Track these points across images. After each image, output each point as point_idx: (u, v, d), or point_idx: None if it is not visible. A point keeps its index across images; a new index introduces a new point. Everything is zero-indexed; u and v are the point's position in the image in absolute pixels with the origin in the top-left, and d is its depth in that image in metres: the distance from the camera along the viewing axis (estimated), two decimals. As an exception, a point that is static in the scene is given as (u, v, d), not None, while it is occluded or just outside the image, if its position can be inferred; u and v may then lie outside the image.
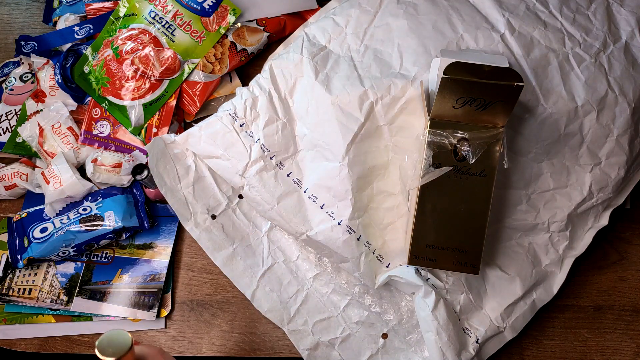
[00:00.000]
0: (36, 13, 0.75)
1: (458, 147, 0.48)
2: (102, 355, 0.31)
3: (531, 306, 0.57)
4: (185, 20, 0.66)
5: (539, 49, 0.54)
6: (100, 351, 0.31)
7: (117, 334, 0.32)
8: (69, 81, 0.66)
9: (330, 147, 0.54)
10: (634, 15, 0.58)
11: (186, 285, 0.63)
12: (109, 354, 0.31)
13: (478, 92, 0.45)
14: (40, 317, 0.61)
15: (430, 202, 0.49)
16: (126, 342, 0.32)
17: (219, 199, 0.60)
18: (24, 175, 0.65)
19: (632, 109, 0.54)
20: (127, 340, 0.32)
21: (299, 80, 0.56)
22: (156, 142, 0.58)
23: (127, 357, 0.32)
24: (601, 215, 0.58)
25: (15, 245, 0.60)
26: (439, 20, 0.56)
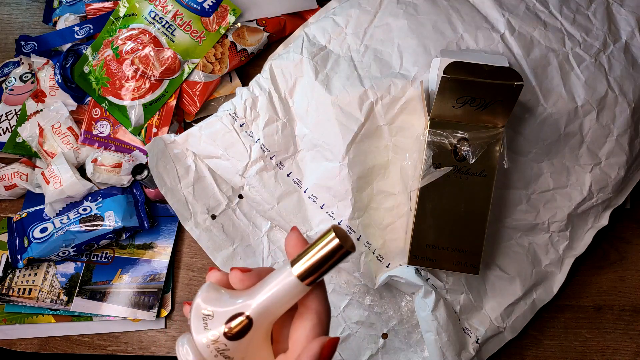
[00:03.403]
0: (36, 13, 0.75)
1: (458, 147, 0.48)
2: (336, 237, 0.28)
3: (531, 306, 0.57)
4: (185, 20, 0.66)
5: (539, 49, 0.54)
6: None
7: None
8: (69, 81, 0.66)
9: (330, 147, 0.54)
10: (633, 15, 0.58)
11: (186, 286, 0.63)
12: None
13: (478, 92, 0.45)
14: (40, 317, 0.61)
15: (430, 202, 0.49)
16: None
17: (219, 199, 0.60)
18: (24, 175, 0.65)
19: (632, 109, 0.54)
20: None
21: (299, 80, 0.56)
22: (156, 142, 0.58)
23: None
24: (601, 215, 0.58)
25: (15, 245, 0.60)
26: (439, 20, 0.56)
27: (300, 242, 0.31)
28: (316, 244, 0.29)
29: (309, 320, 0.30)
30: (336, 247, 0.28)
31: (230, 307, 0.30)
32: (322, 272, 0.29)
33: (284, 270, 0.29)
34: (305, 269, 0.29)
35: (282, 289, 0.29)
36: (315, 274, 0.29)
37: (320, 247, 0.28)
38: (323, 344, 0.29)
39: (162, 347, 0.61)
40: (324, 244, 0.28)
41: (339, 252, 0.28)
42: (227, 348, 0.29)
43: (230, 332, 0.29)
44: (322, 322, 0.30)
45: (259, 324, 0.29)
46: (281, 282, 0.29)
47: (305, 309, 0.31)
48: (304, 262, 0.29)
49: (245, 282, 0.30)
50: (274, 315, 0.30)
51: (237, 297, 0.30)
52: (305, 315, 0.30)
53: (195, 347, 0.29)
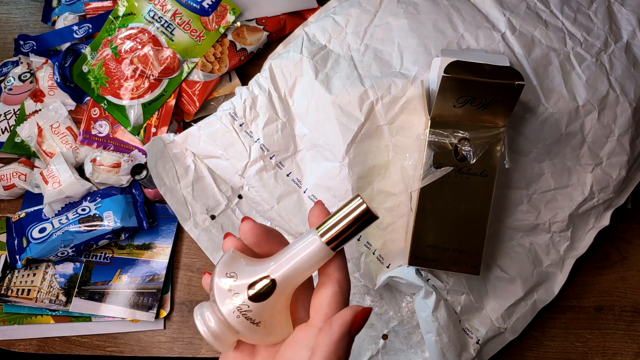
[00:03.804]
0: (35, 12, 0.75)
1: (459, 147, 0.48)
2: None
3: (532, 307, 0.57)
4: (184, 20, 0.65)
5: (540, 49, 0.54)
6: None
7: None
8: (68, 81, 0.65)
9: (330, 147, 0.54)
10: (635, 15, 0.58)
11: (185, 286, 0.63)
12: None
13: (479, 91, 0.45)
14: (39, 318, 0.61)
15: (430, 202, 0.49)
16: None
17: (219, 199, 0.60)
18: (23, 175, 0.64)
19: (633, 108, 0.54)
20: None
21: (298, 79, 0.56)
22: (155, 142, 0.58)
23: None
24: (602, 215, 0.58)
25: (14, 246, 0.60)
26: (440, 19, 0.55)
27: (324, 213, 0.31)
28: (343, 209, 0.29)
29: (331, 289, 0.30)
30: (364, 211, 0.29)
31: (254, 269, 0.30)
32: (348, 236, 0.29)
33: (309, 235, 0.30)
34: (331, 234, 0.29)
35: (307, 253, 0.29)
36: (340, 238, 0.29)
37: (347, 212, 0.29)
38: (356, 312, 0.29)
39: (161, 347, 0.61)
40: (351, 208, 0.29)
41: (365, 216, 0.29)
42: (250, 309, 0.29)
43: (254, 293, 0.29)
44: (343, 291, 0.30)
45: (282, 287, 0.29)
46: (306, 246, 0.29)
47: (326, 277, 0.31)
48: (331, 226, 0.29)
49: (255, 230, 0.30)
50: (297, 280, 0.30)
51: (260, 262, 0.30)
52: (327, 284, 0.30)
53: (217, 311, 0.29)
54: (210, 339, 0.30)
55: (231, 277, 0.30)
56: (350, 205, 0.29)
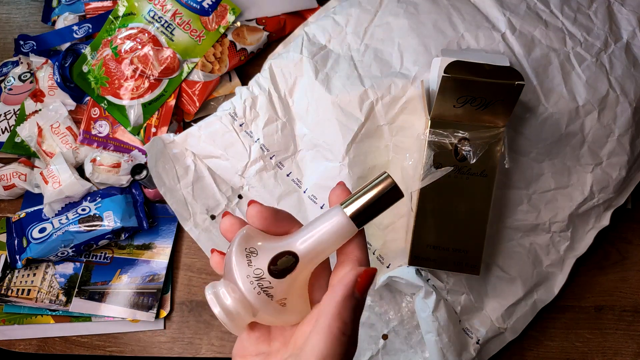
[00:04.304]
0: (35, 12, 0.75)
1: (459, 147, 0.48)
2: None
3: (532, 307, 0.57)
4: (184, 20, 0.65)
5: (540, 49, 0.54)
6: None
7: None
8: (68, 81, 0.65)
9: (330, 147, 0.54)
10: (635, 15, 0.58)
11: (185, 286, 0.63)
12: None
13: (478, 91, 0.45)
14: (39, 318, 0.61)
15: (430, 202, 0.49)
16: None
17: (219, 199, 0.60)
18: (23, 175, 0.64)
19: (633, 108, 0.54)
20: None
21: (298, 79, 0.56)
22: (155, 142, 0.58)
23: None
24: (602, 215, 0.58)
25: (14, 246, 0.60)
26: (440, 19, 0.55)
27: (346, 192, 0.30)
28: (369, 185, 0.29)
29: (349, 267, 0.29)
30: (390, 186, 0.28)
31: (275, 245, 0.29)
32: (373, 213, 0.29)
33: (334, 210, 0.29)
34: (357, 208, 0.28)
35: (331, 227, 0.29)
36: (367, 214, 0.29)
37: (373, 187, 0.29)
38: (359, 273, 0.28)
39: (161, 347, 0.61)
40: (378, 183, 0.29)
41: (392, 192, 0.28)
42: (271, 286, 0.28)
43: (275, 268, 0.28)
44: (369, 272, 0.29)
45: (304, 263, 0.29)
46: (331, 221, 0.29)
47: (345, 256, 0.30)
48: (356, 202, 0.29)
49: (263, 213, 0.29)
50: (320, 256, 0.29)
51: (279, 239, 0.30)
52: (346, 263, 0.29)
53: (235, 289, 0.28)
54: (225, 319, 0.28)
55: (251, 253, 0.28)
56: (377, 180, 0.29)
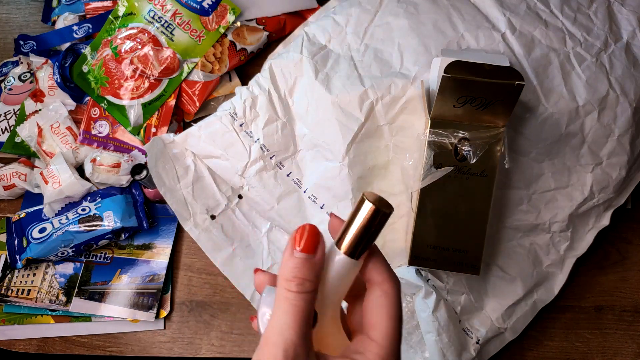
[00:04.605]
0: (35, 12, 0.75)
1: (459, 147, 0.48)
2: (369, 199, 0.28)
3: (532, 307, 0.57)
4: (184, 20, 0.65)
5: (540, 49, 0.54)
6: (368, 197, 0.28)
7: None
8: (68, 81, 0.65)
9: (330, 147, 0.54)
10: (635, 15, 0.58)
11: (185, 286, 0.63)
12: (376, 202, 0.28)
13: (478, 91, 0.45)
14: (39, 318, 0.61)
15: (430, 202, 0.49)
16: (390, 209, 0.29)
17: (219, 199, 0.60)
18: (23, 175, 0.64)
19: (633, 108, 0.54)
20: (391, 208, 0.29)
21: (298, 79, 0.56)
22: (155, 142, 0.58)
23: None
24: (602, 215, 0.58)
25: (14, 246, 0.60)
26: (440, 19, 0.55)
27: (340, 223, 0.30)
28: (353, 216, 0.28)
29: (372, 294, 0.29)
30: (372, 212, 0.28)
31: None
32: (367, 241, 0.29)
33: (331, 252, 0.29)
34: (348, 244, 0.28)
35: (334, 270, 0.29)
36: (360, 245, 0.28)
37: (357, 218, 0.28)
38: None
39: (162, 347, 0.61)
40: (360, 213, 0.28)
41: (376, 217, 0.28)
42: None
43: None
44: (387, 294, 0.29)
45: (324, 311, 0.29)
46: (331, 264, 0.29)
47: (369, 284, 0.30)
48: (346, 237, 0.28)
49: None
50: (336, 299, 0.29)
51: None
52: (371, 290, 0.29)
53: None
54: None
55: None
56: (359, 209, 0.28)
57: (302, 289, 0.27)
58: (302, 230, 0.28)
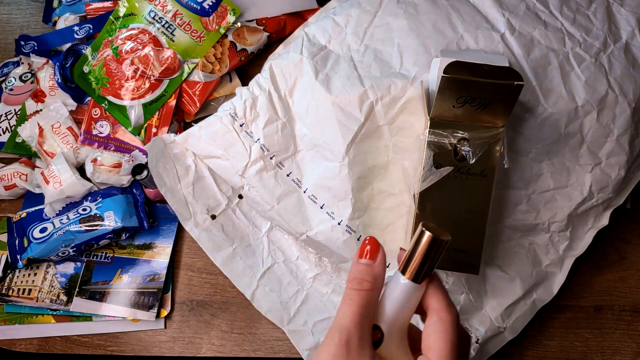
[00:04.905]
0: (36, 13, 0.75)
1: (458, 147, 0.48)
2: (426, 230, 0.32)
3: (531, 306, 0.57)
4: (185, 20, 0.66)
5: (539, 49, 0.54)
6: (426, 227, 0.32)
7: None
8: (69, 81, 0.66)
9: (330, 147, 0.54)
10: (634, 15, 0.58)
11: (186, 286, 0.63)
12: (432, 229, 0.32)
13: (478, 92, 0.45)
14: (40, 317, 0.61)
15: (430, 202, 0.49)
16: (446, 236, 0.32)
17: (219, 199, 0.60)
18: (24, 175, 0.64)
19: (632, 108, 0.54)
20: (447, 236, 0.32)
21: (298, 80, 0.56)
22: (156, 142, 0.58)
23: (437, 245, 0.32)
24: (601, 215, 0.58)
25: (15, 246, 0.60)
26: (439, 20, 0.56)
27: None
28: (414, 245, 0.32)
29: (430, 319, 0.32)
30: (431, 240, 0.32)
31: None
32: (429, 268, 0.32)
33: (396, 279, 0.33)
34: (412, 271, 0.32)
35: (399, 295, 0.32)
36: (422, 271, 0.32)
37: (418, 247, 0.32)
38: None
39: (162, 347, 0.61)
40: (421, 242, 0.32)
41: (435, 244, 0.32)
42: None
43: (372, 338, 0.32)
44: (443, 320, 0.32)
45: (390, 332, 0.32)
46: (397, 289, 0.32)
47: (428, 311, 0.33)
48: (410, 265, 0.32)
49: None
50: (402, 321, 0.33)
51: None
52: (430, 316, 0.32)
53: None
54: None
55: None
56: (420, 239, 0.32)
57: (360, 287, 0.32)
58: (365, 243, 0.34)
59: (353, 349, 0.30)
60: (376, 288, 0.33)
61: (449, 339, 0.31)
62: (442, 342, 0.31)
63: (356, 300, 0.32)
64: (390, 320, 0.33)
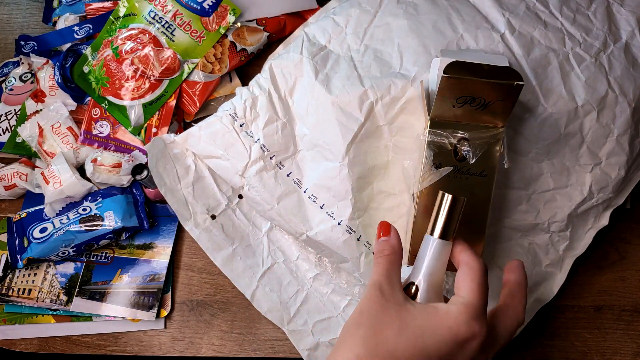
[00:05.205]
0: (36, 13, 0.75)
1: (458, 147, 0.48)
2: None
3: (531, 306, 0.57)
4: (185, 20, 0.66)
5: (539, 49, 0.54)
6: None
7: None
8: (69, 81, 0.66)
9: (330, 147, 0.54)
10: (634, 15, 0.58)
11: (186, 286, 0.63)
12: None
13: (478, 92, 0.45)
14: (40, 317, 0.61)
15: (430, 202, 0.49)
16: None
17: (219, 199, 0.60)
18: (24, 175, 0.64)
19: (632, 108, 0.54)
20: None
21: (298, 80, 0.56)
22: (156, 142, 0.58)
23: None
24: (601, 215, 0.58)
25: (15, 246, 0.60)
26: (439, 20, 0.56)
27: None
28: (438, 209, 0.40)
29: (461, 269, 0.39)
30: (452, 201, 0.39)
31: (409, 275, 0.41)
32: (452, 225, 0.39)
33: (427, 240, 0.40)
34: (440, 230, 0.39)
35: (430, 253, 0.39)
36: (448, 229, 0.39)
37: (442, 209, 0.39)
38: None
39: (162, 347, 0.61)
40: (443, 204, 0.39)
41: (455, 203, 0.39)
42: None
43: (408, 294, 0.39)
44: (473, 269, 0.38)
45: (425, 286, 0.39)
46: (427, 248, 0.39)
47: (459, 265, 0.40)
48: (437, 225, 0.39)
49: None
50: (435, 276, 0.39)
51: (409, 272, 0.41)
52: (460, 268, 0.39)
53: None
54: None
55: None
56: (442, 202, 0.39)
57: (381, 254, 0.41)
58: (380, 226, 0.44)
59: (386, 293, 0.37)
60: (395, 252, 0.41)
61: (477, 280, 0.37)
62: (470, 281, 0.37)
63: (381, 263, 0.40)
64: (424, 276, 0.39)
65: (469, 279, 0.38)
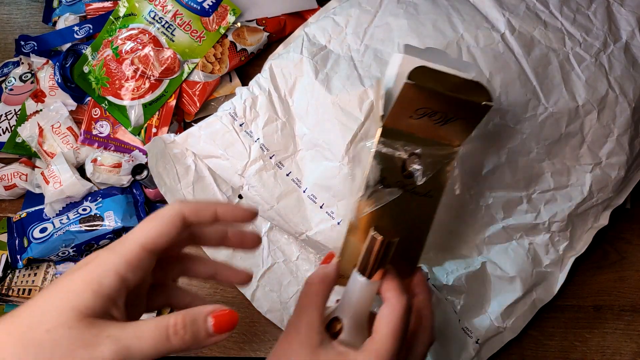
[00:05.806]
0: (36, 13, 0.75)
1: (407, 163, 0.42)
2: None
3: (531, 306, 0.57)
4: (185, 20, 0.66)
5: (539, 49, 0.54)
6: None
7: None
8: (69, 81, 0.66)
9: (330, 147, 0.54)
10: (634, 15, 0.58)
11: (185, 285, 0.63)
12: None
13: (441, 105, 0.40)
14: (40, 317, 0.61)
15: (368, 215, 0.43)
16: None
17: (219, 198, 0.60)
18: (24, 176, 0.64)
19: (632, 108, 0.54)
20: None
21: (298, 79, 0.56)
22: (156, 142, 0.58)
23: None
24: (601, 215, 0.58)
25: (15, 246, 0.60)
26: (439, 19, 0.56)
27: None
28: (367, 247, 0.37)
29: (383, 307, 0.38)
30: (385, 244, 0.36)
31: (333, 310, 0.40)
32: (378, 265, 0.37)
33: (353, 277, 0.38)
34: (368, 270, 0.37)
35: (354, 291, 0.38)
36: (373, 269, 0.37)
37: (371, 249, 0.37)
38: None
39: (162, 347, 0.61)
40: (373, 245, 0.37)
41: (388, 247, 0.36)
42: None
43: (332, 329, 0.39)
44: (394, 311, 0.37)
45: (349, 323, 0.38)
46: (353, 286, 0.38)
47: (384, 300, 0.38)
48: (366, 265, 0.37)
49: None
50: (360, 313, 0.38)
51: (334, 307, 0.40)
52: (384, 304, 0.38)
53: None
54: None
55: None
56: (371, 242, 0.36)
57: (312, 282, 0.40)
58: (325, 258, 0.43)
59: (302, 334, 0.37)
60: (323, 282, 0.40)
61: (394, 323, 0.36)
62: (386, 325, 0.36)
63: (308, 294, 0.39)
64: (349, 314, 0.38)
65: (386, 322, 0.36)
